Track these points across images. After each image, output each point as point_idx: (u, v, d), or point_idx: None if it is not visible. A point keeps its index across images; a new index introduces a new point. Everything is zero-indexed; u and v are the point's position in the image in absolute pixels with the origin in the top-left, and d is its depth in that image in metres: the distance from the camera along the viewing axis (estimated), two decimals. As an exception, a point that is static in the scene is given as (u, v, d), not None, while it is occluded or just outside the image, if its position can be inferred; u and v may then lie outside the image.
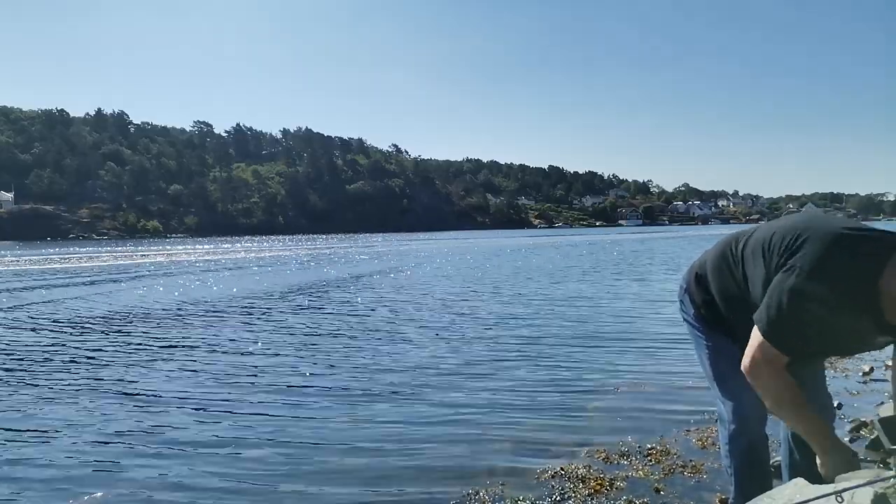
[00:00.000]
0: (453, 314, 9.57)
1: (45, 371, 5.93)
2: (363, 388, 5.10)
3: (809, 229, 1.71)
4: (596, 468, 3.24)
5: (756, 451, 2.16)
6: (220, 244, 53.58)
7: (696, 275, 2.20)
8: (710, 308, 2.11)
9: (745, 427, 2.12)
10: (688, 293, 2.24)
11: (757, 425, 2.14)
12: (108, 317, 9.76)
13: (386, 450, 3.65)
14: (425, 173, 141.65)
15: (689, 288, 2.23)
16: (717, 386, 2.19)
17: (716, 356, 2.16)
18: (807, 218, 1.80)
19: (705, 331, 2.18)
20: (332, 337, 7.70)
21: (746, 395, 2.08)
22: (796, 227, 1.75)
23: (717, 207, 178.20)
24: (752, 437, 2.14)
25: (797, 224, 1.77)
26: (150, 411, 4.53)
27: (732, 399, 2.12)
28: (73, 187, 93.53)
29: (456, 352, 6.57)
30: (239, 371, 5.83)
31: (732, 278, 1.98)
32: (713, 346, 2.16)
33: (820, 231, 1.69)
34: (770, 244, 1.80)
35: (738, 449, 2.16)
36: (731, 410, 2.13)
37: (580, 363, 5.86)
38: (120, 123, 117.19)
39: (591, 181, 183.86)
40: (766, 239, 1.83)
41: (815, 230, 1.70)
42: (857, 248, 1.61)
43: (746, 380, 2.09)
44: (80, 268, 22.53)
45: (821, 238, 1.66)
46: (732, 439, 2.16)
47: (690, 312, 2.24)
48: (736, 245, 2.00)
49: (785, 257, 1.71)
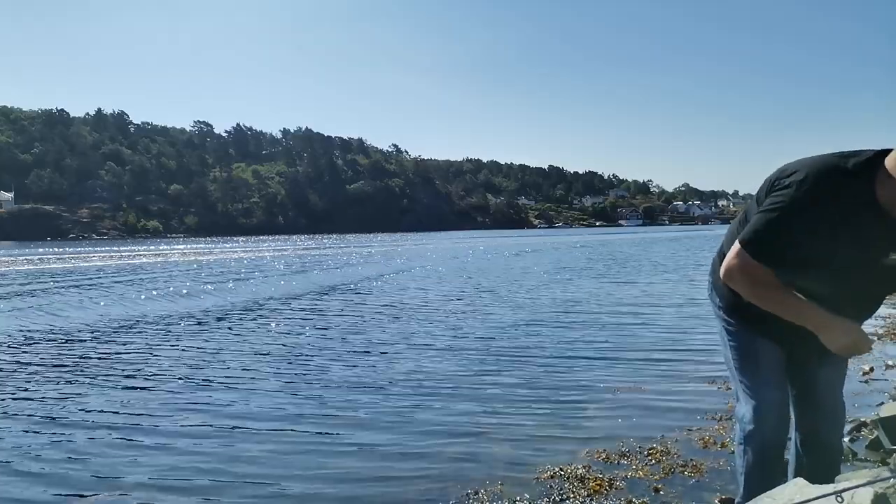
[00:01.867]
0: (453, 314, 9.56)
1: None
2: (363, 389, 5.09)
3: (797, 161, 1.79)
4: (596, 468, 3.23)
5: (771, 451, 2.10)
6: (216, 244, 53.55)
7: (717, 263, 2.14)
8: (733, 291, 2.03)
9: (763, 427, 2.07)
10: (713, 285, 2.20)
11: (776, 426, 2.08)
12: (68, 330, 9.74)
13: (385, 450, 3.64)
14: (425, 173, 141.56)
15: (714, 279, 2.19)
16: (738, 381, 2.15)
17: (739, 350, 2.12)
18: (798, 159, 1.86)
19: (733, 324, 2.12)
20: (331, 337, 7.70)
21: (768, 395, 2.07)
22: (787, 164, 1.81)
23: (717, 207, 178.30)
24: (767, 438, 2.08)
25: (788, 163, 1.83)
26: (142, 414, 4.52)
27: (754, 397, 2.08)
28: (73, 187, 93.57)
29: (455, 352, 6.56)
30: (238, 371, 5.82)
31: None
32: (737, 341, 2.11)
33: (808, 159, 1.76)
34: (764, 184, 1.85)
35: (753, 448, 2.10)
36: (750, 409, 2.08)
37: (580, 363, 5.85)
38: (120, 123, 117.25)
39: (591, 181, 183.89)
40: (761, 187, 1.88)
41: (803, 160, 1.77)
42: (847, 160, 1.65)
43: (771, 378, 2.07)
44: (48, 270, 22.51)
45: (810, 162, 1.73)
46: (748, 438, 2.11)
47: (717, 303, 2.19)
48: (741, 222, 2.00)
49: (774, 182, 1.77)
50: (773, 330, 1.99)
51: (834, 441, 2.16)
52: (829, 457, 2.15)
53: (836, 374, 2.14)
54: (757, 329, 2.04)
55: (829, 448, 2.15)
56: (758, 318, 1.99)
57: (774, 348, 2.06)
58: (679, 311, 9.26)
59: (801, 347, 2.03)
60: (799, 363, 2.09)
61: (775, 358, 2.07)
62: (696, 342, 6.69)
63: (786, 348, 2.07)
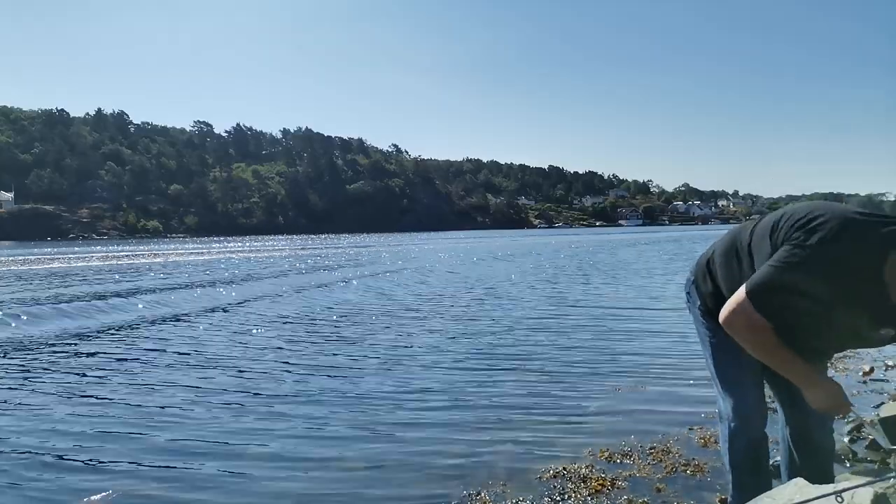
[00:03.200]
0: (453, 315, 9.57)
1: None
2: (363, 390, 5.10)
3: (820, 209, 1.72)
4: (598, 468, 3.25)
5: (756, 449, 2.16)
6: (212, 244, 53.55)
7: (704, 266, 2.17)
8: (717, 300, 2.08)
9: (746, 425, 2.11)
10: (695, 285, 2.22)
11: (758, 424, 2.13)
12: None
13: (386, 451, 3.65)
14: (425, 173, 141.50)
15: (697, 280, 2.20)
16: (719, 382, 2.18)
17: (719, 351, 2.14)
18: (818, 202, 1.80)
19: (711, 324, 2.14)
20: (330, 337, 7.71)
21: (749, 393, 2.11)
22: (807, 207, 1.76)
23: (717, 207, 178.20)
24: (752, 436, 2.13)
25: (809, 205, 1.78)
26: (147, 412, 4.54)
27: (734, 396, 2.12)
28: (73, 187, 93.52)
29: (456, 353, 6.58)
30: (236, 372, 5.84)
31: (740, 270, 1.96)
32: (717, 342, 2.13)
33: (831, 211, 1.69)
34: (779, 223, 1.81)
35: (738, 447, 2.15)
36: (731, 408, 2.12)
37: (580, 364, 5.86)
38: (120, 123, 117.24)
39: (591, 181, 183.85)
40: (776, 219, 1.84)
41: (827, 210, 1.70)
42: (867, 232, 1.61)
43: (749, 377, 2.10)
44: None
45: (831, 217, 1.66)
46: (733, 437, 2.15)
47: (697, 304, 2.21)
48: (743, 235, 2.00)
49: (793, 231, 1.71)
50: None
51: (824, 441, 2.17)
52: (821, 456, 2.17)
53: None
54: None
55: (821, 448, 2.17)
56: None
57: None
58: (679, 310, 9.27)
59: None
60: None
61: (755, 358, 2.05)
62: (696, 341, 6.69)
63: None
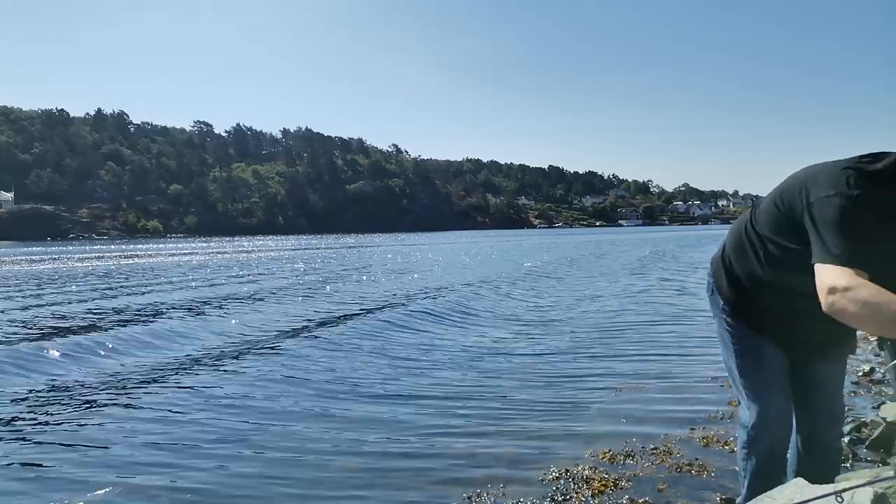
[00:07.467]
0: (454, 315, 9.58)
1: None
2: (364, 390, 5.11)
3: (811, 172, 1.76)
4: (601, 469, 3.25)
5: (776, 454, 2.09)
6: (209, 244, 53.49)
7: (719, 263, 2.14)
8: (739, 293, 2.04)
9: (769, 429, 2.05)
10: (715, 286, 2.17)
11: (781, 427, 2.07)
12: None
13: (387, 452, 3.65)
14: (425, 173, 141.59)
15: (716, 280, 2.16)
16: (741, 385, 2.11)
17: (745, 357, 2.08)
18: (801, 171, 1.82)
19: (734, 326, 2.09)
20: (330, 337, 7.71)
21: (772, 396, 2.05)
22: (799, 177, 1.78)
23: (717, 207, 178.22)
24: (774, 441, 2.06)
25: (798, 175, 1.80)
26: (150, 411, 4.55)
27: (757, 399, 2.06)
28: (73, 187, 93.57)
29: (457, 353, 6.59)
30: (236, 372, 5.85)
31: (755, 254, 1.95)
32: (741, 344, 2.08)
33: (820, 168, 1.75)
34: (782, 199, 1.80)
35: (759, 451, 2.07)
36: (755, 412, 2.06)
37: (581, 363, 5.87)
38: (120, 123, 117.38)
39: (591, 181, 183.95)
40: (776, 197, 1.84)
41: (816, 170, 1.75)
42: (861, 166, 1.66)
43: (777, 383, 2.05)
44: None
45: (826, 171, 1.70)
46: (753, 441, 2.08)
47: (720, 305, 2.14)
48: (746, 223, 2.00)
49: (806, 199, 1.70)
50: (777, 334, 2.00)
51: (833, 442, 2.17)
52: (830, 457, 2.16)
53: (835, 376, 2.15)
54: (762, 333, 2.03)
55: (829, 449, 2.16)
56: (763, 322, 2.00)
57: (779, 352, 2.03)
58: (679, 311, 9.29)
59: (802, 350, 2.04)
60: (799, 364, 2.09)
61: (780, 362, 2.04)
62: (696, 341, 6.73)
63: (789, 352, 2.05)
